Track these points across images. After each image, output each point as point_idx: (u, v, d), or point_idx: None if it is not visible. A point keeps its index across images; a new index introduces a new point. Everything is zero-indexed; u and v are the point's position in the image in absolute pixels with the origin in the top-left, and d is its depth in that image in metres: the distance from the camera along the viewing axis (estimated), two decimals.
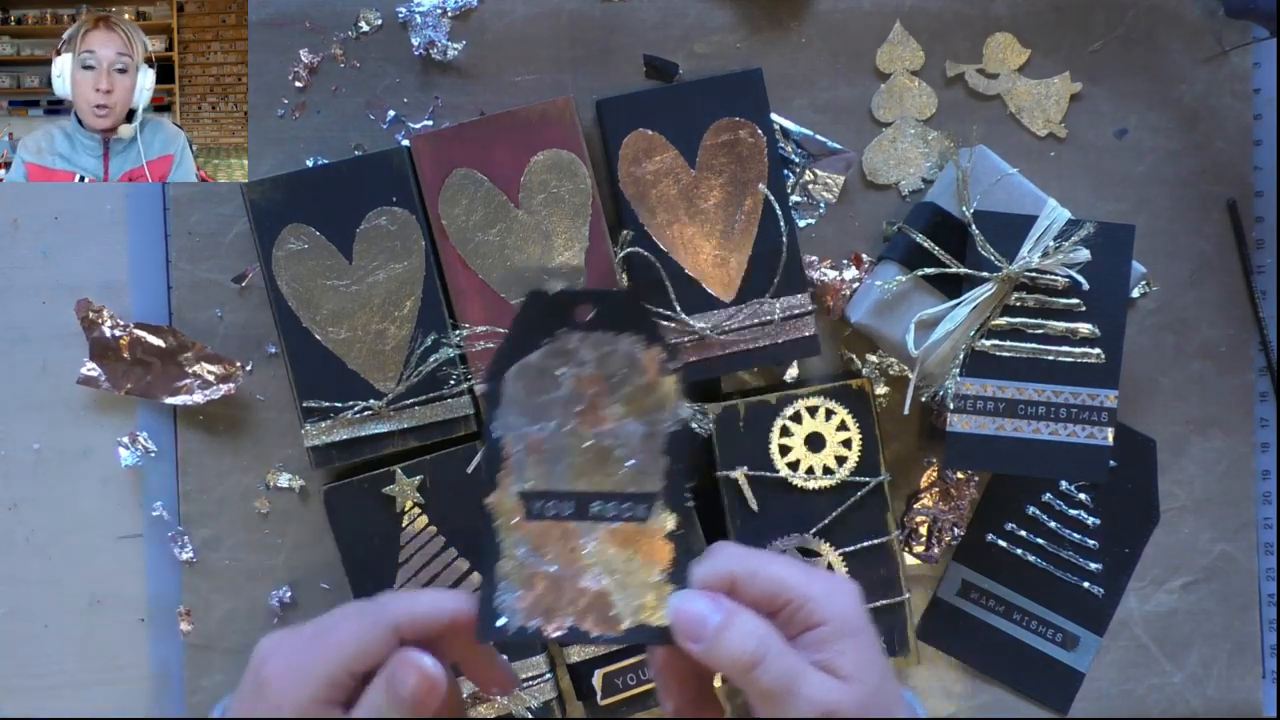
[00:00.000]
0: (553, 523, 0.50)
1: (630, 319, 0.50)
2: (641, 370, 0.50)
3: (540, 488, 0.50)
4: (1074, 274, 0.61)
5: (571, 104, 0.60)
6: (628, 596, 0.50)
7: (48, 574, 0.65)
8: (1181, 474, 0.69)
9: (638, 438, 0.50)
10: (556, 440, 0.50)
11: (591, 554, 0.50)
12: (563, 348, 0.50)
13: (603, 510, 0.50)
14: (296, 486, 0.64)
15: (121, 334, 0.64)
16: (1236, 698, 0.69)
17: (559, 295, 0.50)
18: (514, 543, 0.50)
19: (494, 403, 0.50)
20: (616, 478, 0.50)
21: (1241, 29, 0.67)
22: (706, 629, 0.48)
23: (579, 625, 0.49)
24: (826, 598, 0.48)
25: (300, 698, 0.47)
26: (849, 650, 0.47)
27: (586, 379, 0.50)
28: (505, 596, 0.49)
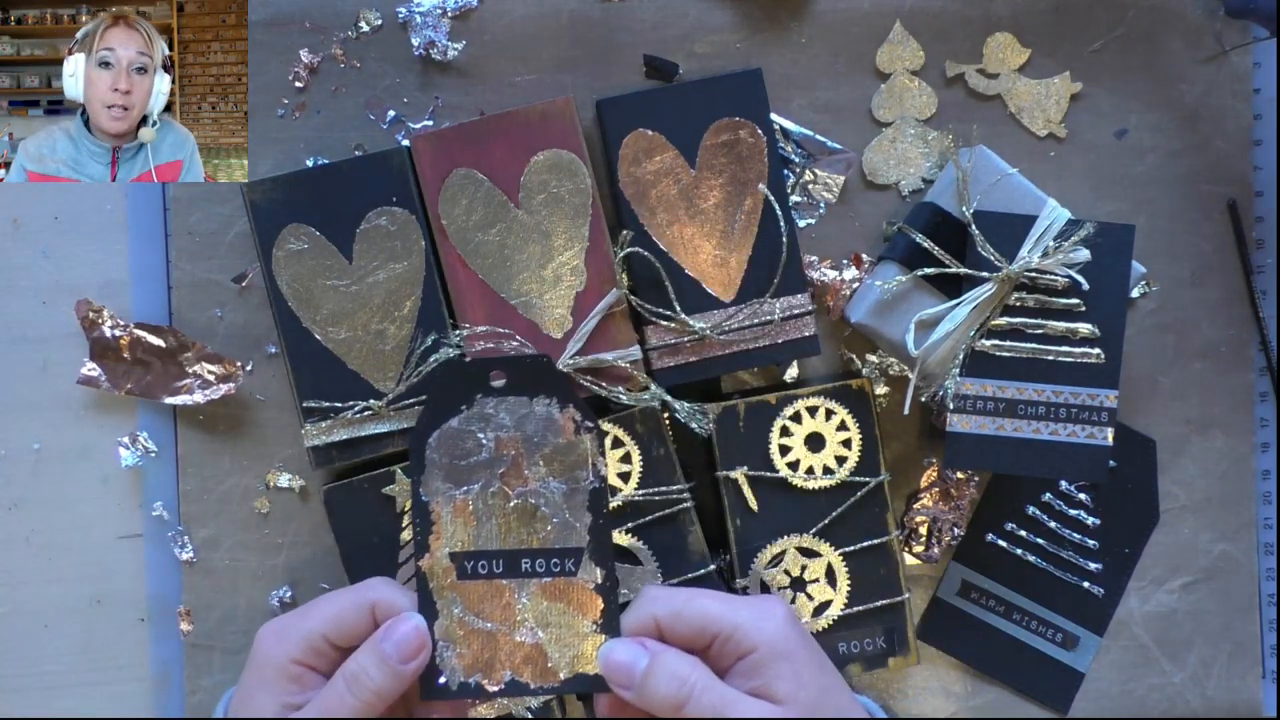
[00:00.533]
0: (485, 581, 0.52)
1: (544, 382, 0.52)
2: (559, 430, 0.53)
3: (470, 548, 0.53)
4: (1074, 274, 0.61)
5: (571, 104, 0.60)
6: (563, 648, 0.52)
7: (48, 574, 0.65)
8: (1181, 474, 0.69)
9: (560, 495, 0.53)
10: (482, 502, 0.53)
11: (525, 609, 0.52)
12: (481, 412, 0.53)
13: (532, 567, 0.53)
14: (296, 486, 0.64)
15: (121, 334, 0.64)
16: (1236, 698, 0.69)
17: (473, 363, 0.53)
18: (449, 602, 0.52)
19: (418, 469, 0.52)
20: (543, 535, 0.53)
21: (1241, 29, 0.67)
22: (635, 675, 0.50)
23: (518, 678, 0.52)
24: (753, 624, 0.50)
25: (280, 657, 0.51)
26: (783, 673, 0.49)
27: (506, 441, 0.53)
28: (445, 654, 0.52)
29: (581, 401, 0.53)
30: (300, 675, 0.51)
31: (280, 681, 0.51)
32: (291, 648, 0.51)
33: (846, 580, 0.63)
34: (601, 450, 0.53)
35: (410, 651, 0.50)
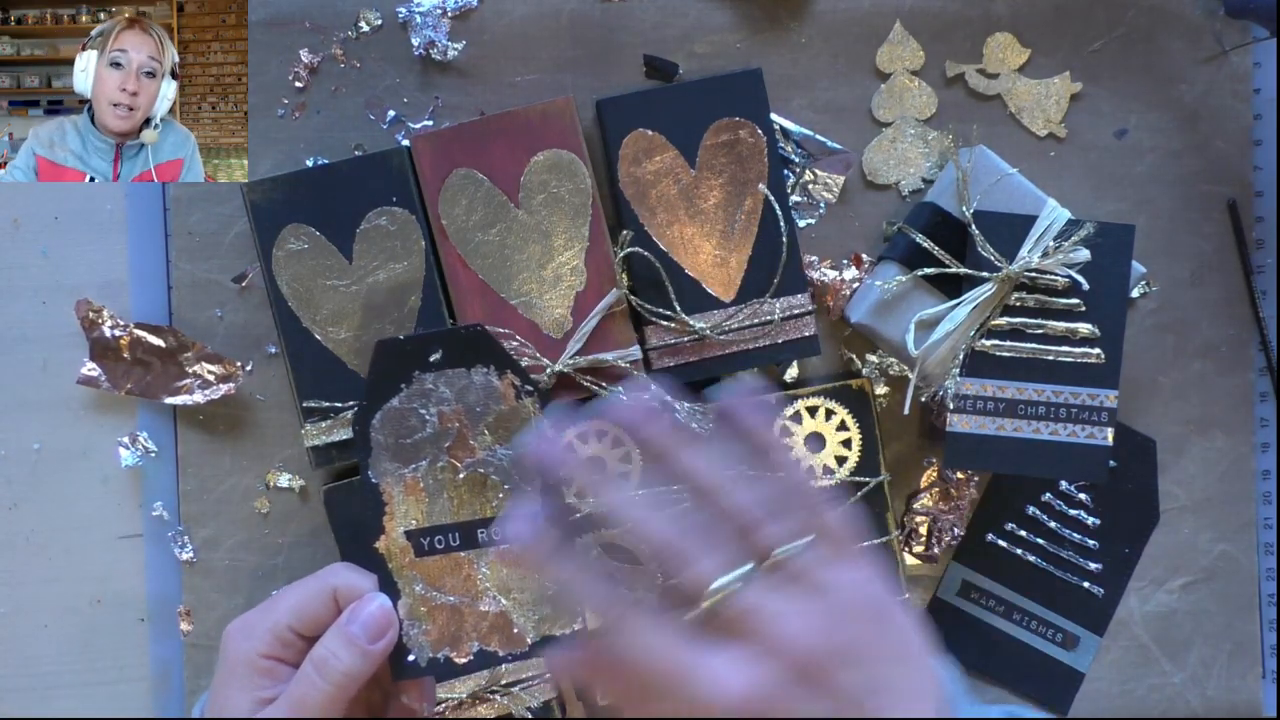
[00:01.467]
0: (443, 555, 0.53)
1: (479, 352, 0.52)
2: (499, 397, 0.53)
3: (425, 525, 0.53)
4: (1074, 274, 0.61)
5: (571, 104, 0.60)
6: (527, 612, 0.52)
7: (48, 574, 0.65)
8: (1181, 474, 0.69)
9: (508, 462, 0.53)
10: (432, 477, 0.53)
11: (485, 579, 0.53)
12: (421, 389, 0.53)
13: (488, 536, 0.53)
14: (296, 486, 0.64)
15: (121, 334, 0.64)
16: (1236, 698, 0.69)
17: (406, 341, 0.53)
18: (410, 581, 0.52)
19: (365, 452, 0.52)
20: (496, 503, 0.53)
21: (1241, 29, 0.67)
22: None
23: (486, 647, 0.52)
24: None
25: (249, 653, 0.51)
26: None
27: (449, 415, 0.53)
28: (411, 633, 0.52)
29: (519, 365, 0.53)
30: (270, 669, 0.51)
31: (251, 677, 0.51)
32: (258, 643, 0.51)
33: None
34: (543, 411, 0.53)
35: (377, 630, 0.51)
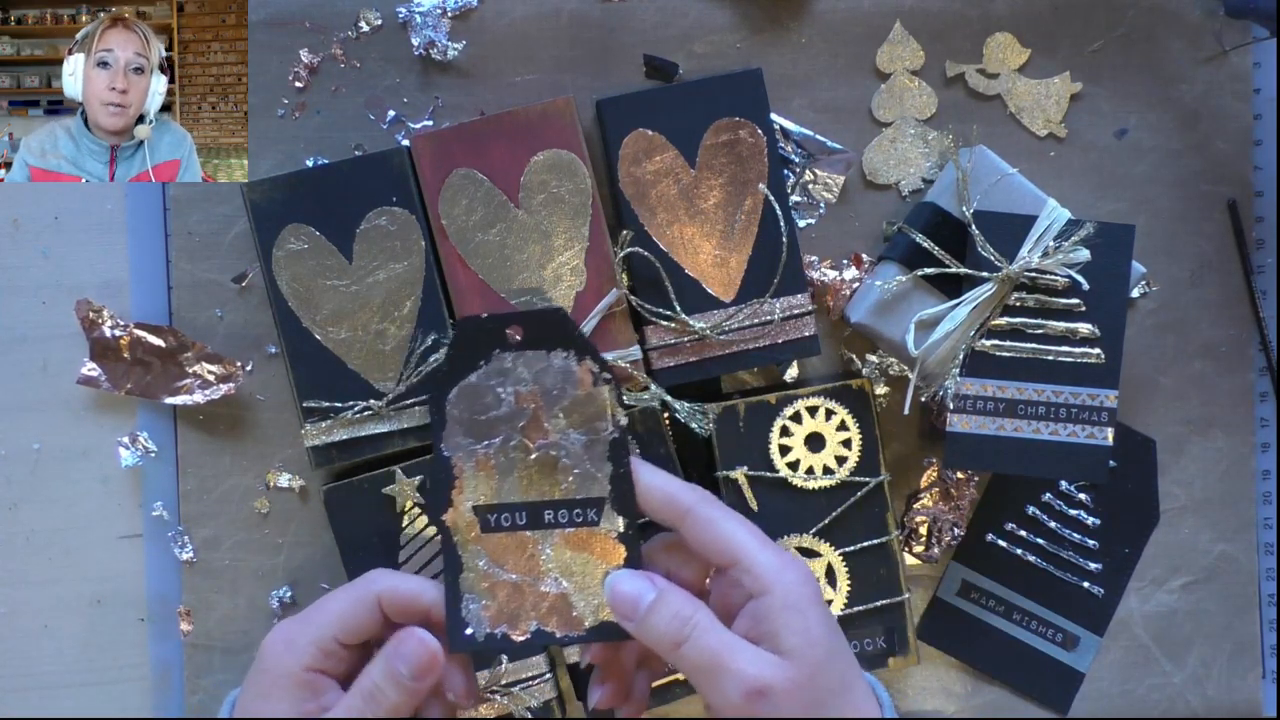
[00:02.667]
0: (509, 533, 0.52)
1: (559, 336, 0.52)
2: (576, 382, 0.52)
3: (493, 501, 0.52)
4: (1074, 274, 0.61)
5: (571, 104, 0.60)
6: (587, 597, 0.52)
7: (48, 574, 0.65)
8: (1181, 474, 0.69)
9: (580, 446, 0.52)
10: (504, 455, 0.52)
11: (549, 560, 0.52)
12: (500, 367, 0.52)
13: (555, 517, 0.52)
14: (296, 486, 0.64)
15: (121, 334, 0.64)
16: (1236, 698, 0.69)
17: (489, 319, 0.52)
18: (473, 555, 0.52)
19: (439, 425, 0.52)
20: (565, 486, 0.52)
21: (1241, 29, 0.67)
22: (639, 608, 0.49)
23: (544, 627, 0.52)
24: (774, 570, 0.48)
25: (292, 665, 0.50)
26: (793, 625, 0.47)
27: (526, 395, 0.52)
28: (470, 607, 0.52)
29: (598, 353, 0.52)
30: (313, 681, 0.50)
31: (294, 690, 0.50)
32: (303, 656, 0.50)
33: (846, 580, 0.63)
34: (619, 401, 0.52)
35: (422, 668, 0.50)
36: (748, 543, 0.49)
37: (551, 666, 0.63)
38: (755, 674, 0.46)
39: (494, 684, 0.62)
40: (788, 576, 0.48)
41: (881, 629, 0.64)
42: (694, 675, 0.48)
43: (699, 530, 0.50)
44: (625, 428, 0.52)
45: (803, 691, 0.46)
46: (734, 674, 0.46)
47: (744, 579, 0.49)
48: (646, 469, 0.52)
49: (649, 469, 0.52)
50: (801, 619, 0.47)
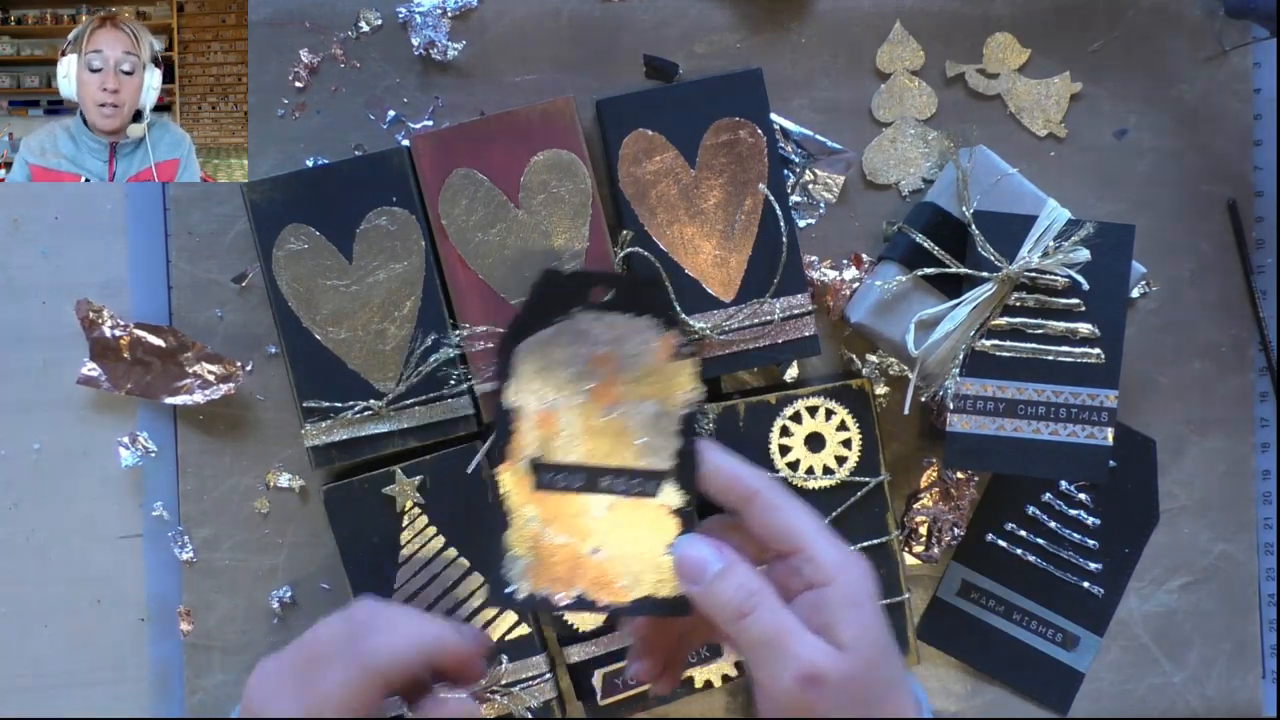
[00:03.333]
0: (562, 494, 0.51)
1: (648, 303, 0.51)
2: (656, 352, 0.51)
3: (551, 459, 0.51)
4: (1074, 274, 0.61)
5: (571, 104, 0.60)
6: (635, 569, 0.51)
7: (48, 574, 0.65)
8: (1181, 474, 0.69)
9: (650, 416, 0.51)
10: (569, 414, 0.51)
11: (600, 526, 0.51)
12: (578, 326, 0.51)
13: (612, 484, 0.51)
14: (296, 486, 0.64)
15: (121, 334, 0.64)
16: (1236, 698, 0.69)
17: (574, 276, 0.51)
18: (523, 513, 0.51)
19: (506, 375, 0.51)
20: (627, 454, 0.51)
21: (1241, 29, 0.67)
22: (706, 573, 0.48)
23: (586, 594, 0.50)
24: (838, 563, 0.48)
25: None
26: (851, 620, 0.47)
27: (600, 357, 0.51)
28: (514, 565, 0.50)
29: (685, 326, 0.51)
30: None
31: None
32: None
33: None
34: (698, 376, 0.51)
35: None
36: (813, 532, 0.49)
37: (551, 666, 0.63)
38: (811, 659, 0.46)
39: (494, 684, 0.62)
40: (851, 570, 0.48)
41: None
42: (751, 650, 0.47)
43: (765, 515, 0.49)
44: (700, 404, 0.51)
45: (854, 685, 0.46)
46: (793, 656, 0.46)
47: (805, 568, 0.48)
48: (714, 449, 0.51)
49: (716, 449, 0.51)
50: (860, 614, 0.47)
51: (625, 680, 0.63)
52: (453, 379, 0.61)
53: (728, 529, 0.52)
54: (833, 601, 0.47)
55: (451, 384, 0.61)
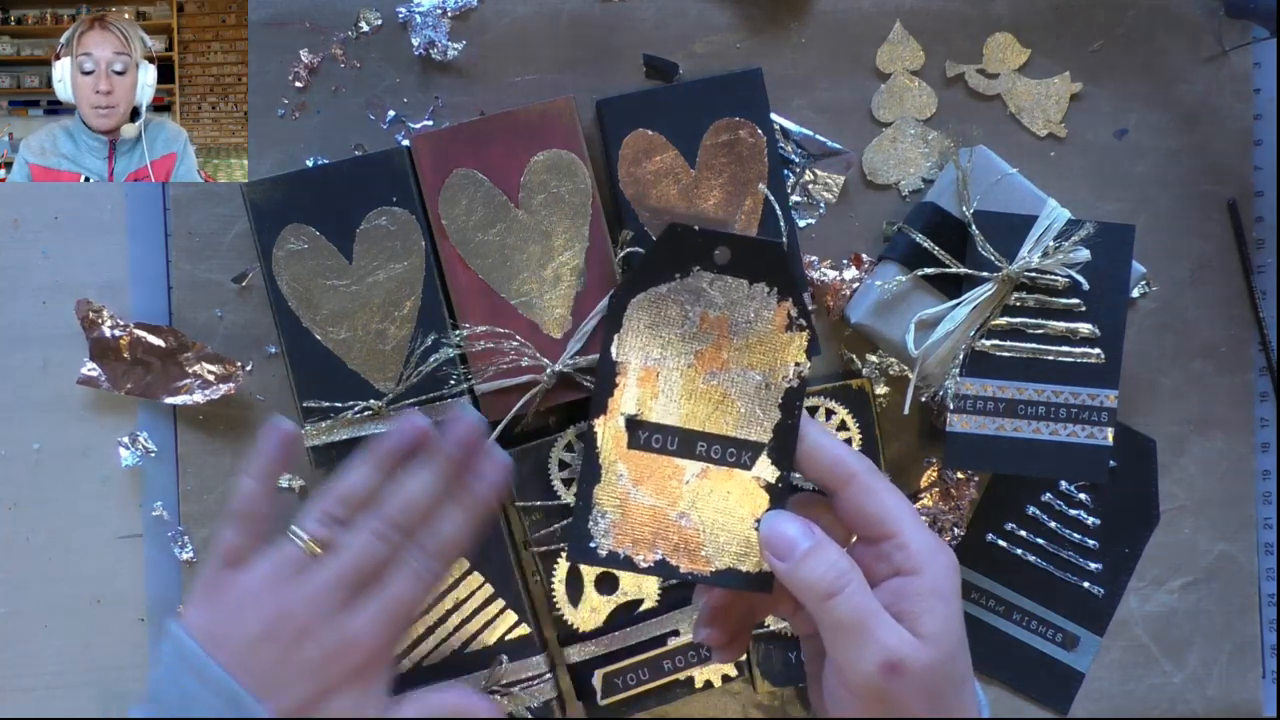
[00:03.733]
0: (656, 455, 0.50)
1: (768, 268, 0.50)
2: (770, 321, 0.50)
3: (649, 419, 0.50)
4: (1074, 274, 0.61)
5: (571, 104, 0.60)
6: (720, 539, 0.50)
7: (48, 574, 0.65)
8: (1181, 474, 0.69)
9: (754, 386, 0.50)
10: (672, 375, 0.50)
11: (690, 492, 0.50)
12: (694, 285, 0.50)
13: (708, 451, 0.50)
14: (296, 486, 0.64)
15: (121, 334, 0.64)
16: (1236, 698, 0.69)
17: (700, 233, 0.50)
18: (615, 469, 0.50)
19: (614, 327, 0.50)
20: (726, 421, 0.50)
21: (1241, 29, 0.67)
22: (795, 550, 0.48)
23: (669, 560, 0.50)
24: (928, 552, 0.48)
25: None
26: (936, 610, 0.47)
27: (713, 320, 0.50)
28: (600, 521, 0.50)
29: (804, 299, 0.50)
30: None
31: None
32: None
33: None
34: (808, 351, 0.50)
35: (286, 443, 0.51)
36: (907, 519, 0.48)
37: (551, 666, 0.63)
38: (895, 647, 0.46)
39: (494, 684, 0.62)
40: (940, 561, 0.48)
41: None
42: (835, 631, 0.47)
43: (862, 498, 0.49)
44: (806, 379, 0.50)
45: (930, 677, 0.46)
46: (877, 641, 0.46)
47: (895, 555, 0.48)
48: (815, 427, 0.50)
49: (818, 427, 0.50)
50: (945, 606, 0.47)
51: (625, 680, 0.63)
52: (453, 379, 0.61)
53: (815, 509, 0.51)
54: (919, 591, 0.47)
55: (451, 384, 0.61)
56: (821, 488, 0.50)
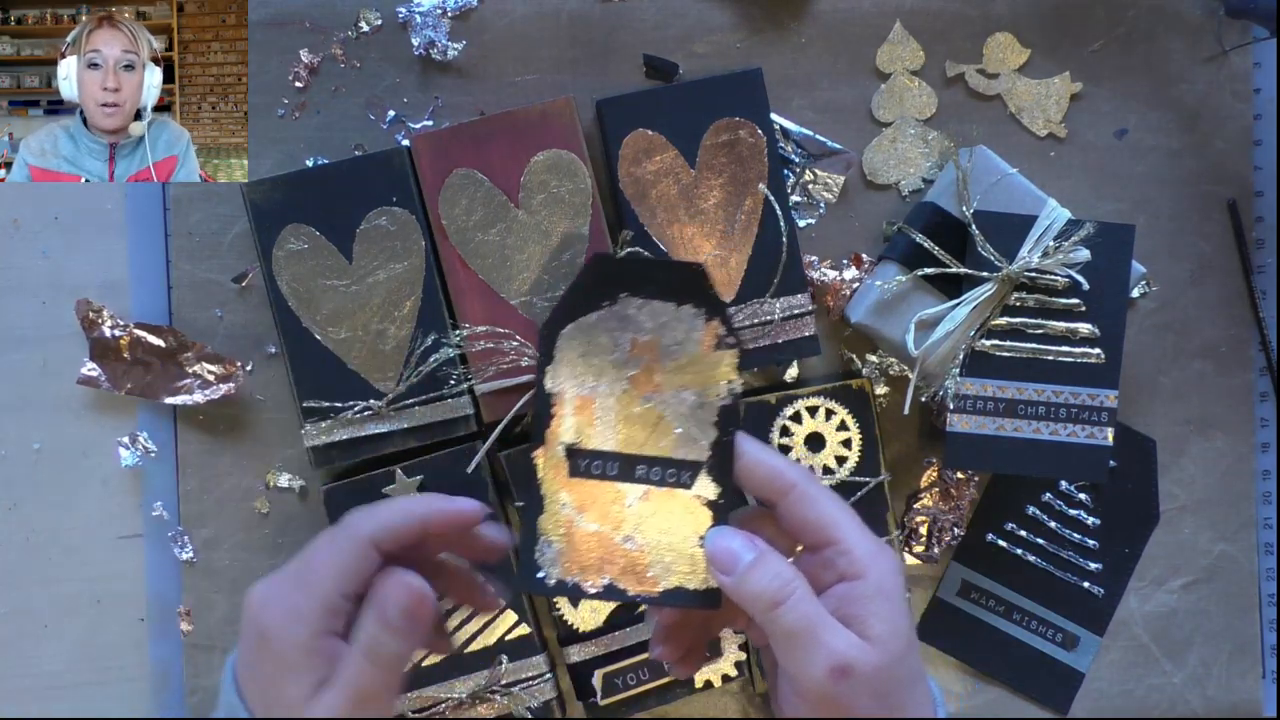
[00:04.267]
0: (597, 481, 0.51)
1: (693, 292, 0.50)
2: (699, 342, 0.50)
3: (587, 446, 0.51)
4: (1074, 274, 0.61)
5: (571, 104, 0.60)
6: (666, 559, 0.50)
7: (48, 574, 0.65)
8: (1181, 474, 0.69)
9: (688, 406, 0.51)
10: (607, 401, 0.51)
11: (633, 515, 0.50)
12: (622, 312, 0.50)
13: (648, 474, 0.51)
14: (296, 486, 0.64)
15: (121, 334, 0.64)
16: (1236, 698, 0.69)
17: (624, 261, 0.50)
18: (557, 498, 0.50)
19: (546, 359, 0.50)
20: (664, 443, 0.51)
21: (1241, 29, 0.67)
22: (739, 563, 0.48)
23: (617, 583, 0.50)
24: (871, 555, 0.48)
25: (300, 636, 0.48)
26: (882, 613, 0.47)
27: (643, 344, 0.50)
28: (546, 550, 0.50)
29: (729, 317, 0.51)
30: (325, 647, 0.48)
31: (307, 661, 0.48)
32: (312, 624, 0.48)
33: None
34: (739, 368, 0.51)
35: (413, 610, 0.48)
36: (848, 525, 0.49)
37: (551, 666, 0.63)
38: (842, 651, 0.46)
39: (494, 684, 0.62)
40: (882, 564, 0.48)
41: None
42: (783, 640, 0.47)
43: (801, 508, 0.49)
44: (740, 396, 0.51)
45: (881, 678, 0.46)
46: (824, 647, 0.46)
47: (839, 561, 0.48)
48: (751, 442, 0.51)
49: (753, 442, 0.51)
50: (891, 608, 0.47)
51: (625, 680, 0.63)
52: (453, 379, 0.61)
53: (759, 522, 0.51)
54: (864, 594, 0.47)
55: (451, 384, 0.61)
56: (762, 500, 0.51)
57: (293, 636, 0.48)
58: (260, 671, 0.49)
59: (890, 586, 0.48)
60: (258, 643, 0.49)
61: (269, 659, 0.48)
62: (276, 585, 0.49)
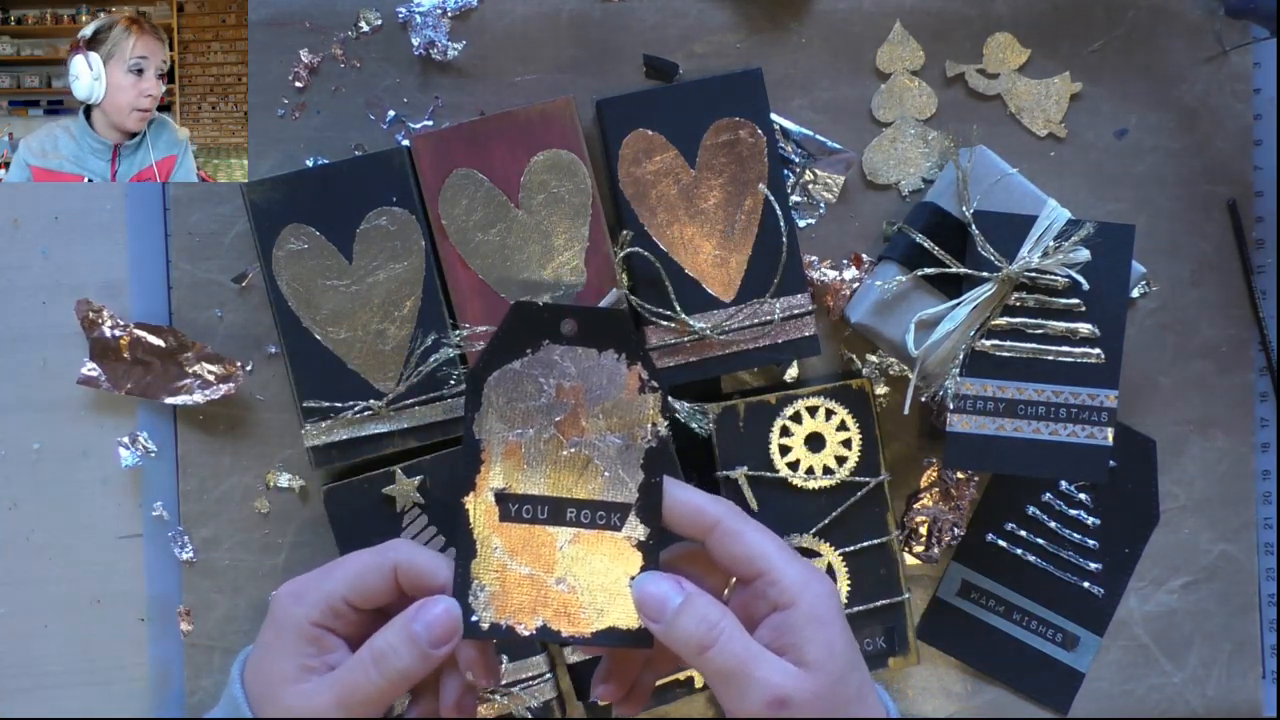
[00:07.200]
0: (528, 526, 0.52)
1: (614, 337, 0.52)
2: (622, 386, 0.52)
3: (517, 491, 0.52)
4: (1074, 274, 0.61)
5: (571, 104, 0.60)
6: (598, 601, 0.51)
7: (48, 574, 0.65)
8: (1181, 474, 0.69)
9: (615, 450, 0.52)
10: (535, 446, 0.52)
11: (565, 558, 0.52)
12: (546, 359, 0.52)
13: (577, 517, 0.52)
14: (296, 486, 0.64)
15: (121, 334, 0.64)
16: (1236, 698, 0.69)
17: (545, 308, 0.52)
18: (489, 543, 0.52)
19: (474, 406, 0.52)
20: (592, 486, 0.52)
21: (1241, 29, 0.67)
22: (666, 609, 0.49)
23: (550, 625, 0.51)
24: (801, 583, 0.49)
25: (299, 618, 0.51)
26: (816, 638, 0.48)
27: (568, 390, 0.52)
28: (479, 595, 0.51)
29: (650, 361, 0.52)
30: (319, 637, 0.50)
31: (298, 643, 0.50)
32: (310, 609, 0.50)
33: (846, 580, 0.63)
34: (663, 411, 0.52)
35: (442, 635, 0.49)
36: (775, 556, 0.49)
37: (551, 666, 0.63)
38: (779, 683, 0.47)
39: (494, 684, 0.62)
40: (813, 590, 0.49)
41: (881, 629, 0.64)
42: (717, 681, 0.48)
43: (727, 543, 0.50)
44: (665, 439, 0.52)
45: (822, 703, 0.47)
46: (758, 682, 0.47)
47: (770, 591, 0.49)
48: (674, 483, 0.52)
49: (676, 484, 0.52)
50: (825, 632, 0.48)
51: None
52: (453, 379, 0.61)
53: (692, 559, 0.53)
54: (796, 622, 0.48)
55: (451, 384, 0.61)
56: (691, 539, 0.52)
57: (291, 616, 0.51)
58: (259, 649, 0.52)
59: (823, 610, 0.48)
60: (266, 622, 0.52)
61: (270, 635, 0.51)
62: (301, 577, 0.53)
